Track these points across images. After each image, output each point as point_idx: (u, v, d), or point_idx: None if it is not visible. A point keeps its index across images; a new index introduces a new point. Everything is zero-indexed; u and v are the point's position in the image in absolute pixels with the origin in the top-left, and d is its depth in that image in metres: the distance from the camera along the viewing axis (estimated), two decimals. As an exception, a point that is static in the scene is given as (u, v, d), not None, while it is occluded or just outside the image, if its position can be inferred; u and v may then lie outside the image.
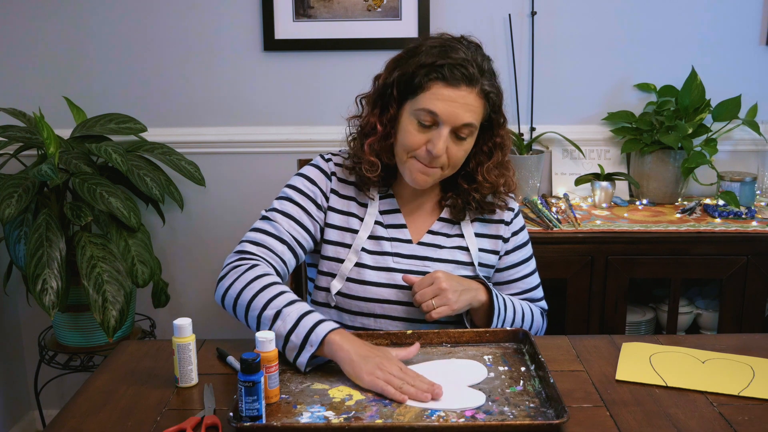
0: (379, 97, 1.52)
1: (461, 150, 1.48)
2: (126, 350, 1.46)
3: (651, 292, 2.49)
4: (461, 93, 1.44)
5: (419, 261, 1.56)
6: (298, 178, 1.59)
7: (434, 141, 1.44)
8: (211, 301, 2.63)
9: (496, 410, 1.18)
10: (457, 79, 1.43)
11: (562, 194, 2.46)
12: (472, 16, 2.43)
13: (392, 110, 1.50)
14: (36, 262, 2.01)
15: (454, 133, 1.46)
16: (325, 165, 1.61)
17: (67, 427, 1.18)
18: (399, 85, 1.49)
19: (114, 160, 2.12)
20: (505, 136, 1.56)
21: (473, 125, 1.46)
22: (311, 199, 1.57)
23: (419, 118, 1.46)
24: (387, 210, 1.59)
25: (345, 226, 1.57)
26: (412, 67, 1.46)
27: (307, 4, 2.42)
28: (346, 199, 1.59)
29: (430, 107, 1.44)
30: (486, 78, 1.47)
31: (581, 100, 2.50)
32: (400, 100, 1.50)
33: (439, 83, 1.44)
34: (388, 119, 1.51)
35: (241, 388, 1.13)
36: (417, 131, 1.46)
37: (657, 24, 2.44)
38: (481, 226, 1.62)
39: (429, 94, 1.44)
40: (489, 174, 1.54)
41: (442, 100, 1.43)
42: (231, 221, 2.56)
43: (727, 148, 2.51)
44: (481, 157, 1.55)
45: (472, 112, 1.45)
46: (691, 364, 1.36)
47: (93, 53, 2.46)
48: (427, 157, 1.46)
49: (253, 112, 2.51)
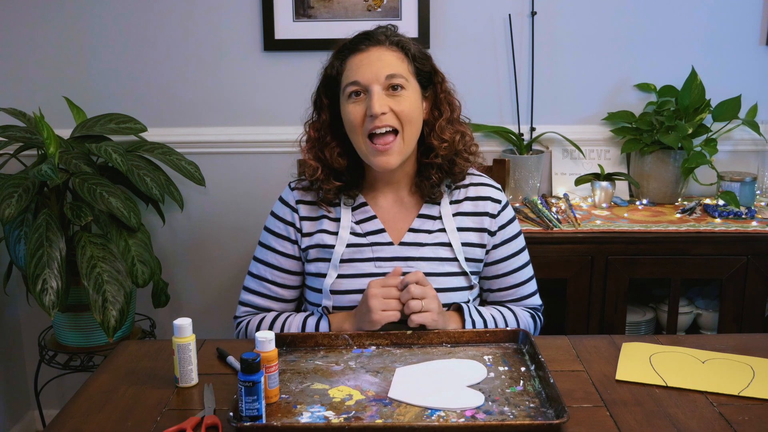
0: (314, 110, 1.61)
1: (404, 103, 1.50)
2: (126, 350, 1.46)
3: (651, 292, 2.49)
4: (372, 52, 1.51)
5: (402, 262, 1.55)
6: (271, 219, 1.65)
7: (369, 104, 1.48)
8: (211, 301, 2.64)
9: (496, 410, 1.18)
10: (363, 45, 1.52)
11: (562, 194, 2.46)
12: (472, 16, 2.43)
13: (324, 115, 1.58)
14: (36, 262, 2.01)
15: (388, 90, 1.49)
16: (290, 196, 1.64)
17: (67, 427, 1.18)
18: (325, 88, 1.57)
19: (114, 160, 2.12)
20: (448, 92, 1.59)
21: (398, 75, 1.49)
22: (284, 237, 1.62)
23: (348, 95, 1.51)
24: (363, 219, 1.59)
25: (321, 244, 1.58)
26: (327, 66, 1.56)
27: (307, 4, 2.42)
28: (318, 219, 1.61)
29: (350, 79, 1.50)
30: (395, 35, 1.54)
31: (581, 100, 2.50)
32: (330, 102, 1.56)
33: (349, 57, 1.53)
34: (321, 124, 1.58)
35: (241, 388, 1.13)
36: (353, 106, 1.50)
37: (657, 24, 2.44)
38: (465, 219, 1.60)
39: (346, 72, 1.52)
40: (443, 132, 1.55)
41: (356, 67, 1.50)
42: (231, 221, 2.56)
43: (727, 148, 2.51)
44: (433, 120, 1.57)
45: (390, 65, 1.50)
46: (691, 364, 1.36)
47: (93, 53, 2.46)
48: (371, 121, 1.48)
49: (253, 112, 2.51)
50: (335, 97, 1.56)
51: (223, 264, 2.61)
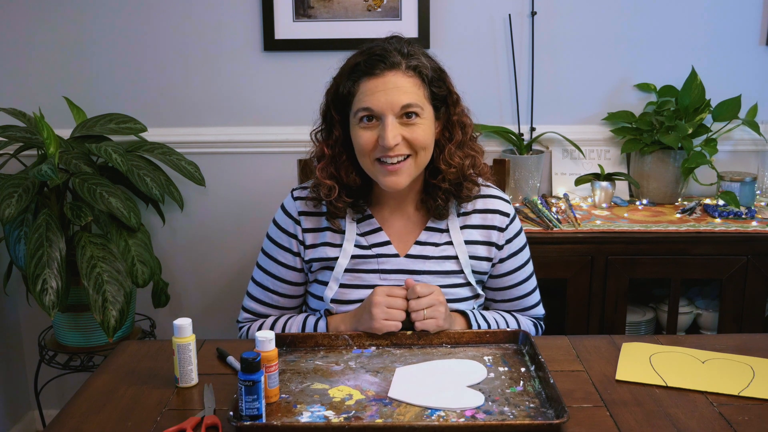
0: (324, 124, 1.55)
1: (418, 131, 1.45)
2: (126, 350, 1.46)
3: (651, 292, 2.49)
4: (387, 79, 1.43)
5: (407, 275, 1.53)
6: (273, 228, 1.62)
7: (382, 134, 1.43)
8: (211, 301, 2.64)
9: (496, 410, 1.18)
10: (378, 68, 1.43)
11: (562, 194, 2.46)
12: (472, 16, 2.43)
13: (336, 132, 1.51)
14: (36, 262, 2.01)
15: (402, 119, 1.44)
16: (292, 207, 1.60)
17: (67, 427, 1.18)
18: (334, 103, 1.50)
19: (114, 160, 2.12)
20: (461, 113, 1.53)
21: (414, 104, 1.43)
22: (286, 249, 1.60)
23: (359, 119, 1.45)
24: (368, 231, 1.56)
25: (324, 257, 1.56)
26: (338, 82, 1.49)
27: (307, 4, 2.42)
28: (321, 231, 1.58)
29: (362, 105, 1.44)
30: (411, 58, 1.46)
31: (581, 100, 2.50)
32: (342, 118, 1.50)
33: (362, 80, 1.45)
34: (335, 140, 1.51)
35: (241, 387, 1.13)
36: (364, 132, 1.45)
37: (657, 24, 2.44)
38: (472, 232, 1.57)
39: (359, 95, 1.45)
40: (452, 158, 1.50)
41: (371, 93, 1.43)
42: (231, 221, 2.56)
43: (727, 148, 2.51)
44: (443, 142, 1.52)
45: (406, 92, 1.43)
46: (691, 364, 1.36)
47: (93, 53, 2.46)
48: (383, 151, 1.44)
49: (253, 112, 2.51)
50: (345, 114, 1.50)
51: (223, 264, 2.61)
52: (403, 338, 1.43)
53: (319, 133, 1.57)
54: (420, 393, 1.23)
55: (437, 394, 1.23)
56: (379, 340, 1.43)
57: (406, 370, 1.33)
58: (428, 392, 1.23)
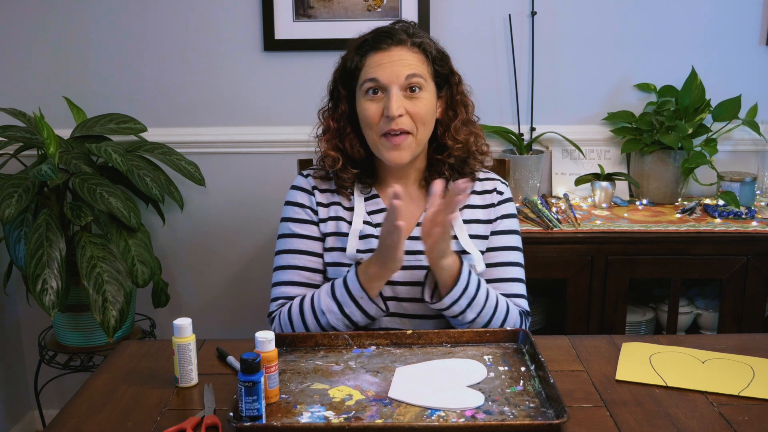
0: (331, 100, 1.61)
1: (420, 104, 1.51)
2: (126, 350, 1.46)
3: (651, 292, 2.49)
4: (393, 52, 1.51)
5: (410, 255, 1.54)
6: (288, 208, 1.64)
7: (387, 104, 1.49)
8: (211, 301, 2.64)
9: (496, 410, 1.18)
10: (385, 43, 1.52)
11: (562, 194, 2.46)
12: (472, 16, 2.43)
13: (343, 106, 1.58)
14: (36, 262, 2.01)
15: (406, 92, 1.50)
16: (304, 182, 1.64)
17: (67, 427, 1.18)
18: (342, 79, 1.57)
19: (114, 160, 2.12)
20: (464, 94, 1.61)
21: (417, 75, 1.51)
22: (306, 221, 1.61)
23: (365, 91, 1.52)
24: (374, 210, 1.60)
25: (336, 231, 1.59)
26: (345, 59, 1.57)
27: (307, 4, 2.42)
28: (332, 206, 1.61)
29: (369, 76, 1.51)
30: (416, 36, 1.54)
31: (581, 100, 2.50)
32: (349, 93, 1.57)
33: (370, 54, 1.53)
34: (341, 114, 1.58)
35: (241, 388, 1.13)
36: (370, 104, 1.52)
37: (657, 24, 2.44)
38: (474, 211, 1.61)
39: (365, 67, 1.53)
40: (458, 133, 1.58)
41: (377, 65, 1.51)
42: (231, 221, 2.56)
43: (727, 148, 2.51)
44: (447, 120, 1.59)
45: (410, 65, 1.51)
46: (691, 364, 1.36)
47: (93, 53, 2.46)
48: (387, 123, 1.49)
49: (253, 112, 2.51)
50: (352, 89, 1.57)
51: (223, 264, 2.61)
52: (403, 338, 1.43)
53: (325, 112, 1.63)
54: (420, 393, 1.23)
55: (437, 394, 1.23)
56: (379, 340, 1.43)
57: (406, 369, 1.33)
58: (428, 392, 1.23)
